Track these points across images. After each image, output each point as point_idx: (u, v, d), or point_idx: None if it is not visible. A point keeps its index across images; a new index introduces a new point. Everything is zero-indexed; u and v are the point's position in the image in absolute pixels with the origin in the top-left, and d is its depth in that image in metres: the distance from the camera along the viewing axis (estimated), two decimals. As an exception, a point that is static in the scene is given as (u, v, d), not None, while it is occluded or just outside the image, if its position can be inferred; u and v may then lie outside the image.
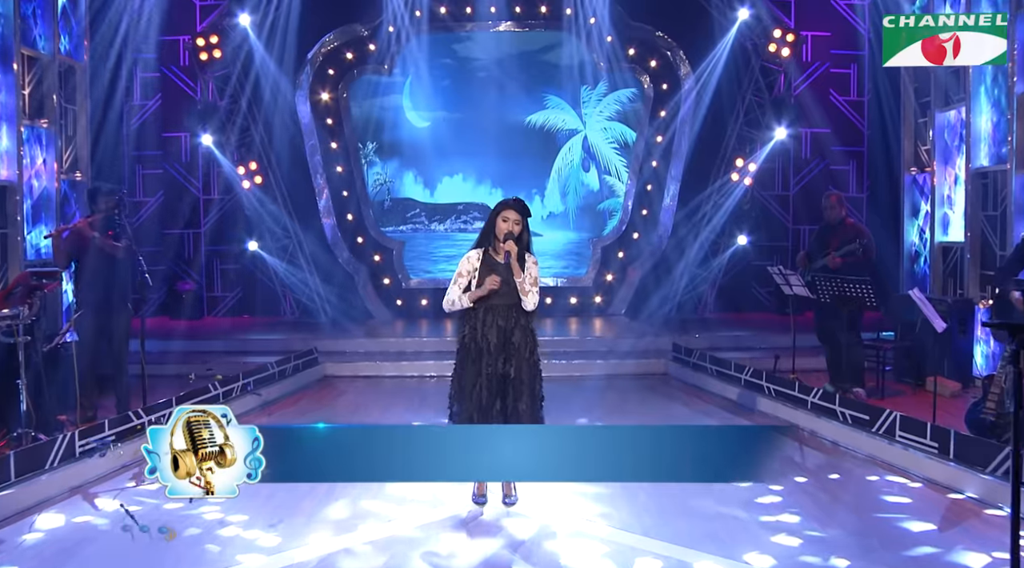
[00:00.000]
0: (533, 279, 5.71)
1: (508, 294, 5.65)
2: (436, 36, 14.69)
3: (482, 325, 5.69)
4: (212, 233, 14.53)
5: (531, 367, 5.72)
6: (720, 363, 9.92)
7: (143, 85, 14.43)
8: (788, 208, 14.78)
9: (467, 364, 5.72)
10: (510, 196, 5.90)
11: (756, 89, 14.05)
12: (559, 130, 15.19)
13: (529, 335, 5.73)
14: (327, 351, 11.49)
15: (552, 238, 15.32)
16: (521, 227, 5.67)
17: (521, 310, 5.69)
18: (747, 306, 14.57)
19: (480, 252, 5.77)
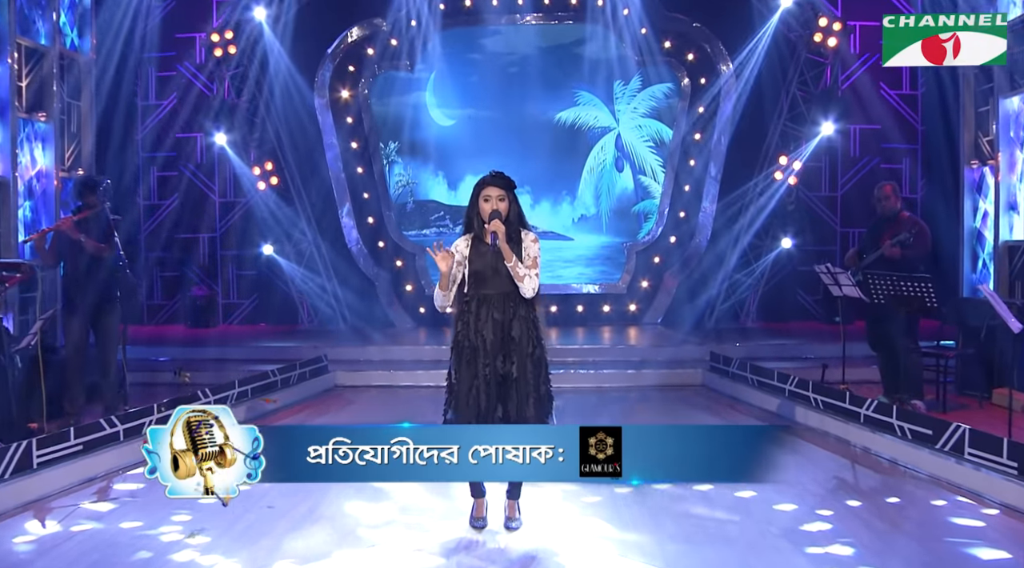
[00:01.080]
0: (533, 259, 4.95)
1: (501, 282, 4.90)
2: (461, 30, 14.03)
3: (475, 319, 4.94)
4: (228, 237, 13.96)
5: (536, 364, 4.95)
6: (761, 373, 9.04)
7: (158, 84, 13.92)
8: (836, 210, 13.85)
9: (461, 366, 4.97)
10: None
11: (801, 82, 13.16)
12: (591, 128, 14.42)
13: (531, 327, 4.96)
14: (339, 359, 10.79)
15: (584, 242, 14.54)
16: (507, 202, 4.93)
17: (519, 299, 4.93)
18: (791, 315, 13.63)
19: (468, 239, 5.04)
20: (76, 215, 7.63)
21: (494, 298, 4.93)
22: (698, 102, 13.90)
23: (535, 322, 5.03)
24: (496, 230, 4.82)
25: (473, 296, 4.98)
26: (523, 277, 4.86)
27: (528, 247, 4.98)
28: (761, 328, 13.24)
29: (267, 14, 12.87)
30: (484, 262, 4.94)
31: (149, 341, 11.76)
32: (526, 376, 4.89)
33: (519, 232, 5.01)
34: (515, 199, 5.04)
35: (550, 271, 14.32)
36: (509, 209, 4.96)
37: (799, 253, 13.40)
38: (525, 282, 4.87)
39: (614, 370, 10.57)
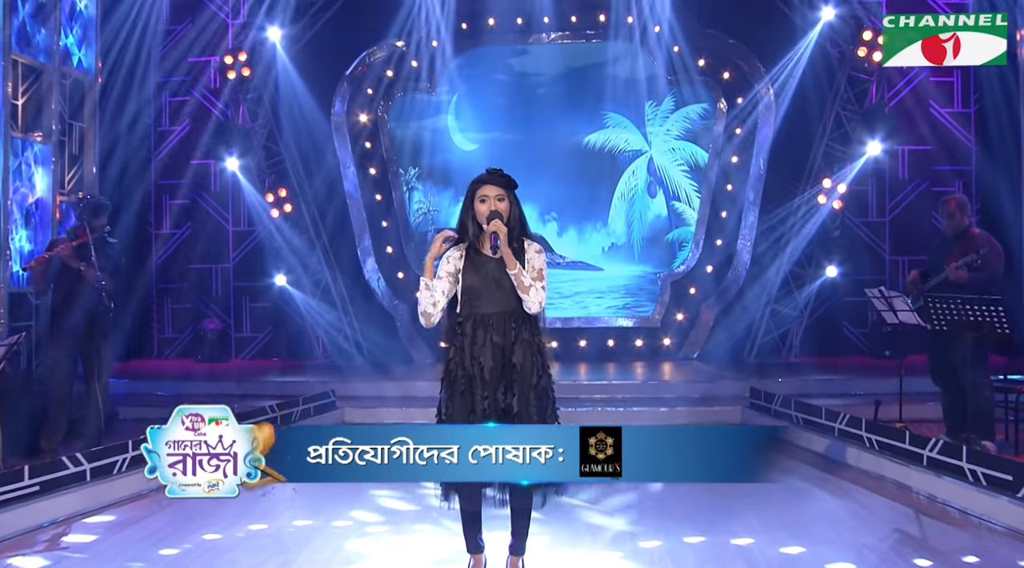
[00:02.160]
0: (538, 271, 4.23)
1: (502, 298, 4.19)
2: (484, 50, 13.46)
3: (471, 343, 4.21)
4: (242, 268, 13.37)
5: (540, 396, 4.21)
6: (807, 410, 8.17)
7: (171, 109, 13.44)
8: (884, 236, 12.98)
9: (454, 399, 4.23)
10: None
11: (844, 100, 12.31)
12: (621, 151, 13.72)
13: (534, 352, 4.22)
14: (350, 395, 10.07)
15: (615, 273, 13.79)
16: (508, 203, 4.23)
17: (523, 319, 4.21)
18: (838, 349, 12.70)
19: (461, 249, 4.33)
20: (74, 240, 7.06)
21: (493, 318, 4.21)
22: (735, 123, 13.14)
23: (540, 347, 4.29)
24: (497, 231, 4.11)
25: (468, 316, 4.27)
26: (529, 288, 4.13)
27: (532, 258, 4.27)
28: (805, 363, 12.30)
29: (282, 35, 12.35)
30: (481, 275, 4.24)
31: (153, 375, 11.20)
32: (528, 411, 4.15)
33: (521, 241, 4.30)
34: (516, 200, 4.35)
35: (579, 303, 13.59)
36: (510, 212, 4.27)
37: (845, 283, 12.49)
38: (531, 294, 4.14)
39: (645, 408, 9.72)
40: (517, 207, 4.33)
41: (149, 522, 5.62)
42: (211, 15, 13.07)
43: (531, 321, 4.25)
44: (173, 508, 5.84)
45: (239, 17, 13.21)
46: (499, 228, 4.14)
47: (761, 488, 6.41)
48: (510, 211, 4.28)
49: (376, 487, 6.27)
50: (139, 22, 11.96)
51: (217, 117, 12.96)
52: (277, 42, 12.36)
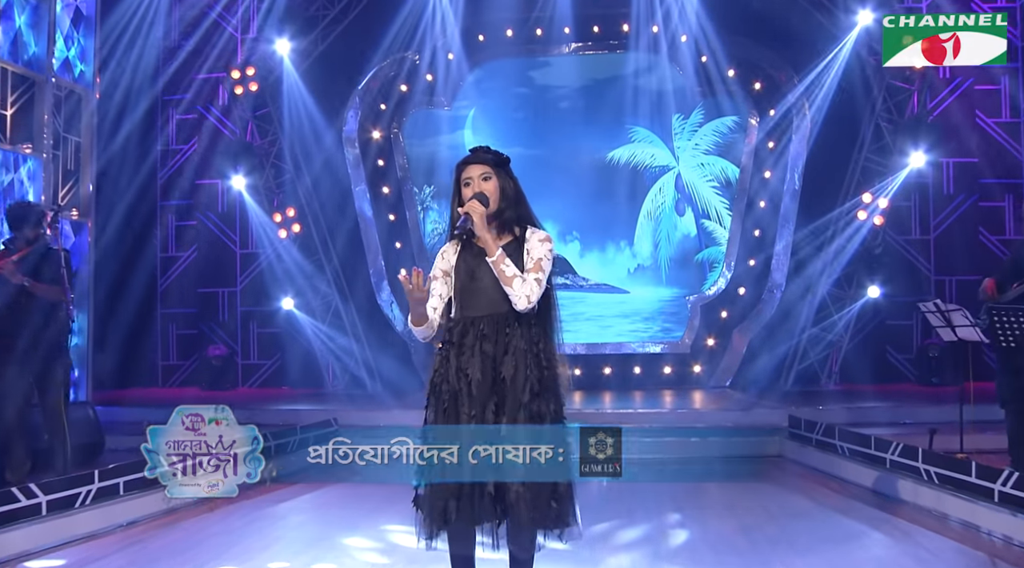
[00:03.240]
0: (536, 261, 3.56)
1: (494, 298, 3.54)
2: (502, 63, 12.92)
3: (457, 353, 3.56)
4: (248, 292, 12.77)
5: (534, 419, 3.51)
6: (854, 439, 7.36)
7: (178, 128, 12.95)
8: (928, 255, 12.14)
9: (439, 419, 3.56)
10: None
11: (884, 110, 11.55)
12: (647, 167, 13.07)
13: (530, 365, 3.54)
14: (355, 425, 9.36)
15: (642, 296, 13.10)
16: (495, 180, 3.61)
17: (517, 321, 3.53)
18: (881, 375, 11.78)
19: (455, 245, 3.68)
20: (13, 253, 6.42)
21: (483, 322, 3.56)
22: (767, 136, 12.45)
23: (542, 360, 3.59)
24: (471, 211, 3.47)
25: (458, 320, 3.62)
26: (512, 279, 3.47)
27: (533, 246, 3.60)
28: (846, 390, 11.49)
29: (291, 49, 11.81)
30: (472, 271, 3.58)
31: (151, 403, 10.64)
32: (520, 435, 3.45)
33: (523, 226, 3.64)
34: (509, 177, 3.71)
35: (603, 328, 12.88)
36: (500, 191, 3.62)
37: (888, 304, 11.69)
38: (515, 286, 3.48)
39: (675, 438, 8.93)
40: (511, 186, 3.68)
41: (104, 565, 4.93)
42: (219, 31, 12.62)
43: (530, 326, 3.57)
44: (136, 548, 5.19)
45: (248, 32, 12.76)
46: (473, 208, 3.49)
47: (806, 528, 5.66)
48: (500, 190, 3.63)
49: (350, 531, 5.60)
50: (144, 38, 11.53)
51: (225, 135, 12.45)
52: (286, 57, 11.83)
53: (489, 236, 3.52)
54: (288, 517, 6.20)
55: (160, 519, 6.00)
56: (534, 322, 3.60)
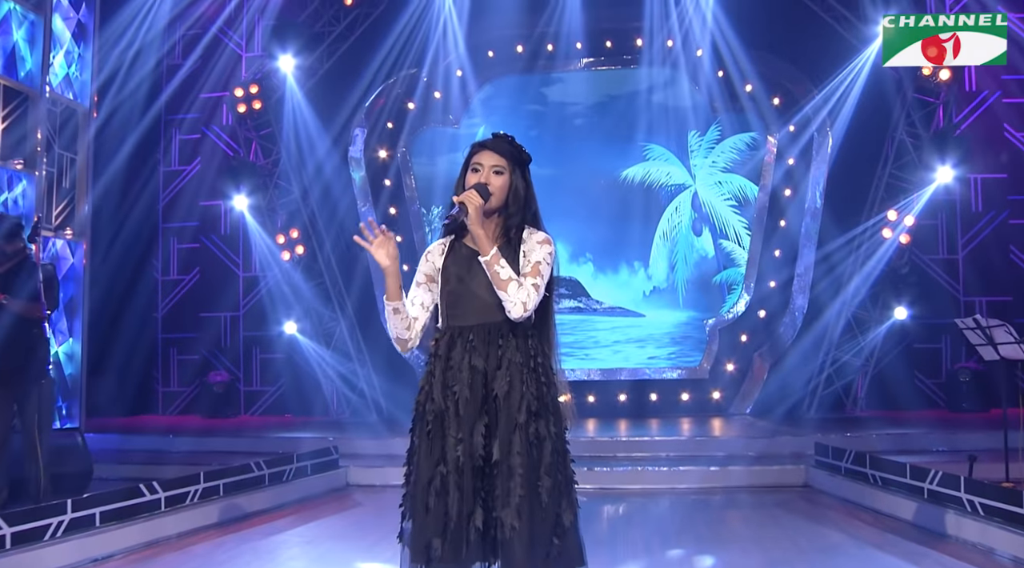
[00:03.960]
0: (534, 265, 3.13)
1: (486, 305, 3.13)
2: (512, 79, 12.57)
3: (443, 367, 3.14)
4: (251, 316, 12.40)
5: (532, 442, 3.10)
6: (887, 468, 6.87)
7: (181, 148, 12.67)
8: (957, 275, 11.66)
9: (421, 443, 3.12)
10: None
11: (908, 125, 11.11)
12: (663, 186, 12.65)
13: (527, 381, 3.11)
14: (357, 453, 8.97)
15: (658, 319, 12.62)
16: (507, 177, 3.19)
17: (512, 332, 3.12)
18: (909, 401, 11.20)
19: (445, 243, 3.29)
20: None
21: (473, 333, 3.14)
22: (787, 152, 12.01)
23: (540, 376, 3.16)
24: (466, 201, 3.06)
25: (446, 331, 3.19)
26: (507, 282, 3.05)
27: (532, 249, 3.18)
28: (872, 417, 10.96)
29: (296, 67, 11.52)
30: (463, 274, 3.17)
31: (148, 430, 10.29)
32: (511, 461, 3.03)
33: (521, 228, 3.23)
34: (524, 179, 3.27)
35: (618, 353, 12.44)
36: (510, 191, 3.20)
37: (915, 327, 11.18)
38: (510, 290, 3.06)
39: (694, 467, 8.45)
40: (524, 188, 3.26)
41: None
42: (223, 49, 12.40)
43: (527, 338, 3.14)
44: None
45: (253, 51, 12.53)
46: (469, 198, 3.08)
47: (839, 564, 5.18)
48: (511, 191, 3.21)
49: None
50: (146, 55, 11.30)
51: (228, 155, 12.17)
52: (291, 74, 11.55)
53: (483, 232, 3.10)
54: (277, 552, 5.76)
55: (139, 552, 5.58)
56: (531, 333, 3.18)
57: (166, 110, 12.46)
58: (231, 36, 12.44)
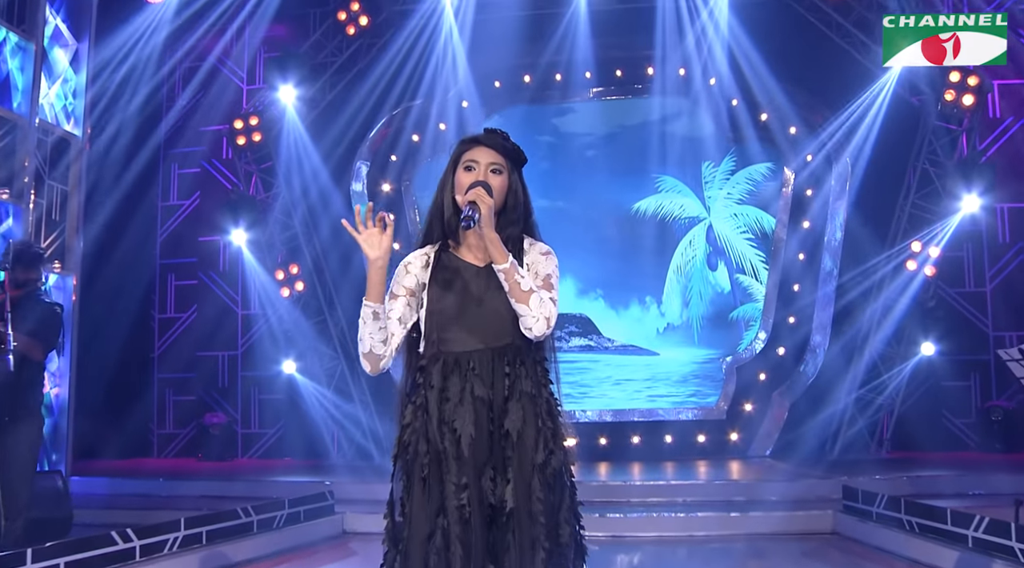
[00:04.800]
0: (544, 278, 2.73)
1: (488, 325, 2.77)
2: (519, 110, 12.21)
3: (438, 400, 2.74)
4: (250, 356, 11.96)
5: (550, 484, 2.66)
6: (925, 513, 6.34)
7: (180, 182, 12.35)
8: (985, 309, 11.15)
9: (413, 491, 2.70)
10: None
11: (930, 153, 10.70)
12: (676, 219, 12.25)
13: (542, 413, 2.70)
14: (356, 499, 8.45)
15: (672, 358, 12.17)
16: (506, 178, 2.86)
17: (520, 357, 2.71)
18: (938, 442, 10.70)
19: (428, 254, 2.95)
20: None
21: (475, 359, 2.72)
22: (805, 183, 11.64)
23: (550, 406, 2.74)
24: (478, 200, 2.65)
25: (435, 357, 2.76)
26: (529, 294, 2.63)
27: (535, 261, 2.79)
28: (900, 459, 10.44)
29: (297, 96, 11.22)
30: (457, 291, 2.76)
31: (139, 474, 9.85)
32: (531, 508, 2.59)
33: (520, 239, 2.83)
34: (521, 181, 2.92)
35: (631, 393, 11.97)
36: (508, 191, 2.80)
37: (943, 363, 10.66)
38: (532, 303, 2.65)
39: (712, 512, 7.96)
40: (522, 190, 2.87)
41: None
42: (224, 81, 12.11)
43: (535, 364, 2.72)
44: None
45: (254, 83, 12.24)
46: (481, 197, 2.66)
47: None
48: (508, 192, 2.82)
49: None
50: (144, 87, 11.05)
51: (228, 189, 11.84)
52: (292, 106, 11.24)
53: (497, 236, 2.69)
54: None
55: (107, 606, 5.10)
56: (539, 358, 2.75)
57: (165, 144, 12.18)
58: (231, 68, 12.17)
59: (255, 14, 11.40)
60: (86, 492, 9.11)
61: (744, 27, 10.98)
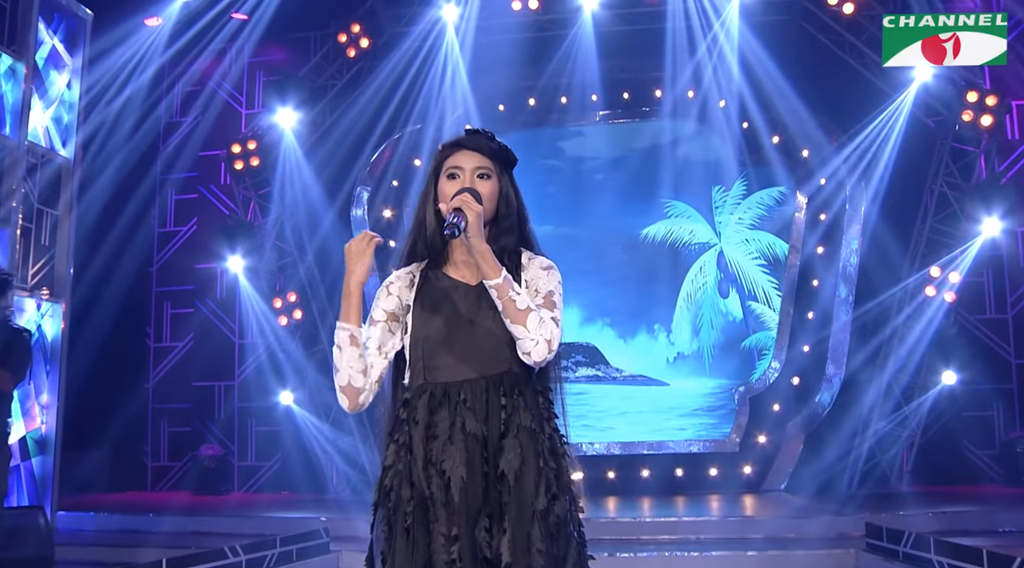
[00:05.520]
0: (544, 296, 2.42)
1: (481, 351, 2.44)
2: (523, 134, 11.89)
3: (423, 438, 2.40)
4: (247, 386, 11.60)
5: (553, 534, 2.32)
6: (959, 553, 5.94)
7: (177, 208, 12.09)
8: (1007, 336, 10.78)
9: (395, 543, 2.37)
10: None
11: (948, 175, 10.38)
12: (686, 244, 11.94)
13: (543, 452, 2.37)
14: (354, 537, 8.07)
15: (682, 388, 11.79)
16: (496, 184, 2.55)
17: (518, 387, 2.40)
18: (960, 475, 10.34)
19: (413, 273, 2.61)
20: None
21: (465, 390, 2.39)
22: (818, 207, 11.31)
23: (554, 444, 2.41)
24: (463, 207, 2.31)
25: (422, 389, 2.44)
26: (526, 313, 2.30)
27: (536, 277, 2.47)
28: (921, 493, 9.99)
29: (297, 120, 10.98)
30: (445, 313, 2.44)
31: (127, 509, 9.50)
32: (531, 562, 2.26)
33: (516, 251, 2.50)
34: (512, 185, 2.60)
35: (640, 425, 11.60)
36: (499, 198, 2.47)
37: (965, 393, 10.27)
38: (530, 323, 2.31)
39: (727, 551, 7.57)
40: (514, 195, 2.55)
41: None
42: (222, 105, 11.91)
43: (536, 394, 2.39)
44: None
45: (253, 107, 12.01)
46: (467, 204, 2.32)
47: None
48: (499, 198, 2.49)
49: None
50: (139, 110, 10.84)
51: (225, 215, 11.57)
52: (291, 130, 10.98)
53: (487, 247, 2.36)
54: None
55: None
56: (541, 389, 2.41)
57: (161, 169, 11.94)
58: (230, 92, 11.95)
59: (254, 37, 11.20)
60: (73, 528, 8.81)
61: (755, 48, 10.70)
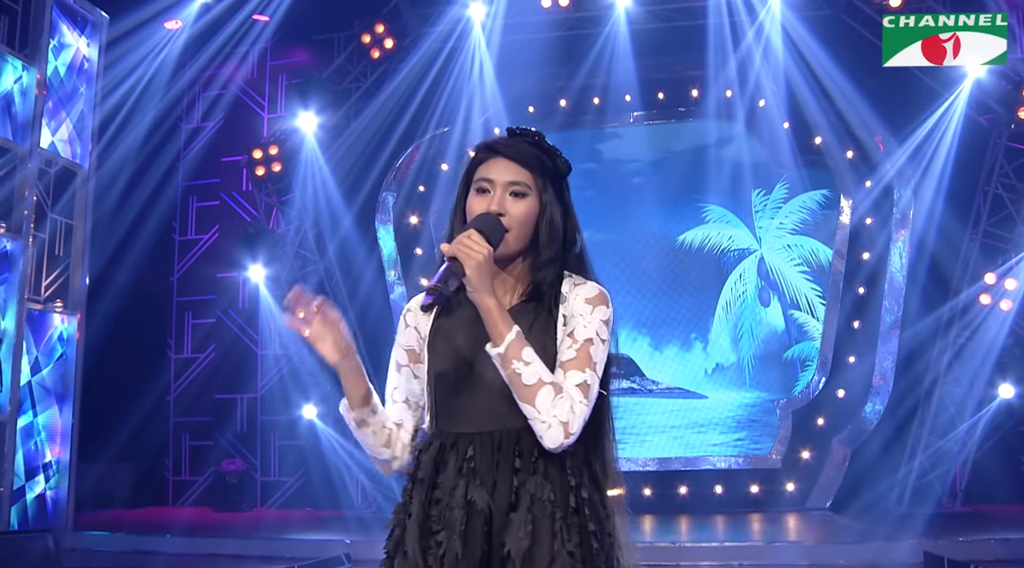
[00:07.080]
0: (583, 344, 2.02)
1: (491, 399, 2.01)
2: (556, 136, 11.39)
3: (423, 499, 2.05)
4: (269, 399, 11.30)
5: None
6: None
7: (198, 216, 11.83)
8: (1067, 346, 10.20)
9: None
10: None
11: (1003, 176, 9.85)
12: (725, 251, 11.63)
13: (561, 526, 1.93)
14: (375, 560, 7.65)
15: (722, 401, 11.45)
16: (534, 203, 2.11)
17: (537, 447, 1.97)
18: (1016, 495, 9.76)
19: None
20: None
21: (473, 446, 2.01)
22: (864, 212, 10.87)
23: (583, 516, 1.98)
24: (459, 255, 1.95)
25: (431, 440, 2.08)
26: (534, 390, 1.90)
27: (579, 313, 2.04)
28: (976, 513, 9.50)
29: (319, 124, 10.66)
30: (455, 349, 2.05)
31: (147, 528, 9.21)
32: None
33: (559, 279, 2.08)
34: (560, 199, 2.15)
35: (677, 439, 11.19)
36: (538, 220, 2.09)
37: (1022, 407, 9.71)
38: (540, 401, 1.92)
39: (772, 578, 7.13)
40: (562, 215, 2.12)
41: None
42: (245, 110, 11.63)
43: (564, 457, 1.97)
44: None
45: (276, 111, 11.73)
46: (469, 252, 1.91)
47: None
48: (546, 223, 2.06)
49: None
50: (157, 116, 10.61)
51: (247, 222, 11.29)
52: (313, 135, 10.68)
53: (494, 305, 1.93)
54: None
55: None
56: (572, 449, 1.95)
57: (182, 176, 11.69)
58: (251, 95, 11.67)
59: (276, 39, 10.92)
60: (88, 548, 8.52)
61: (797, 46, 10.30)
